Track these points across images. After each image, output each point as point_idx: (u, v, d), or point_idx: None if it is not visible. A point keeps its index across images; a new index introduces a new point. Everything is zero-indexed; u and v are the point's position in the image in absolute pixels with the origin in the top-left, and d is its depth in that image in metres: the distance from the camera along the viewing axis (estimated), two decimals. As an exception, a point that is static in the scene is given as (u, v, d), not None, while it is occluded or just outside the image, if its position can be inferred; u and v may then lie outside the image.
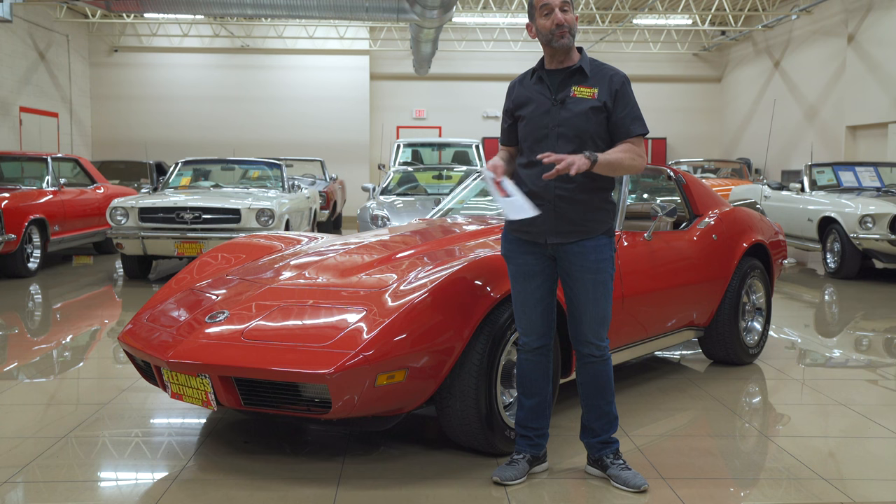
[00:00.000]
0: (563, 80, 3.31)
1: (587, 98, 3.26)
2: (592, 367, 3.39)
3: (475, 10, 19.16)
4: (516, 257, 3.39)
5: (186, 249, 8.92)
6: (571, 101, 3.27)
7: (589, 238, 3.29)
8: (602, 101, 3.26)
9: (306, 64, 21.02)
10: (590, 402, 3.44)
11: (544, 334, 3.41)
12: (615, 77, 3.31)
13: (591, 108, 3.26)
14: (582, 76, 3.30)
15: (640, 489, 3.32)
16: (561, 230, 3.28)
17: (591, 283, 3.30)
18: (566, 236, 3.28)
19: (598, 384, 3.40)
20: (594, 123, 3.26)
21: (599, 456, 3.45)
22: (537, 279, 3.36)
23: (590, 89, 3.27)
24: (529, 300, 3.38)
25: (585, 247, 3.29)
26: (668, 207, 4.81)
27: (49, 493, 3.34)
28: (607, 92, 3.27)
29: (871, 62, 15.25)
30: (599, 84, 3.28)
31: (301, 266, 4.14)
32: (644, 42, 21.19)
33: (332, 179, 16.12)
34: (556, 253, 3.33)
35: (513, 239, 3.40)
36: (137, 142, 19.45)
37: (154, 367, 3.70)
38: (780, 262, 5.88)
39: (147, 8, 14.36)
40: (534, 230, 3.31)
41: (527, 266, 3.36)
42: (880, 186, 10.66)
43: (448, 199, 5.87)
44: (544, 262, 3.36)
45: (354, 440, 3.92)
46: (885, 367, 5.71)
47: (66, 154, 14.09)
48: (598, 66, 3.36)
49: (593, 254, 3.29)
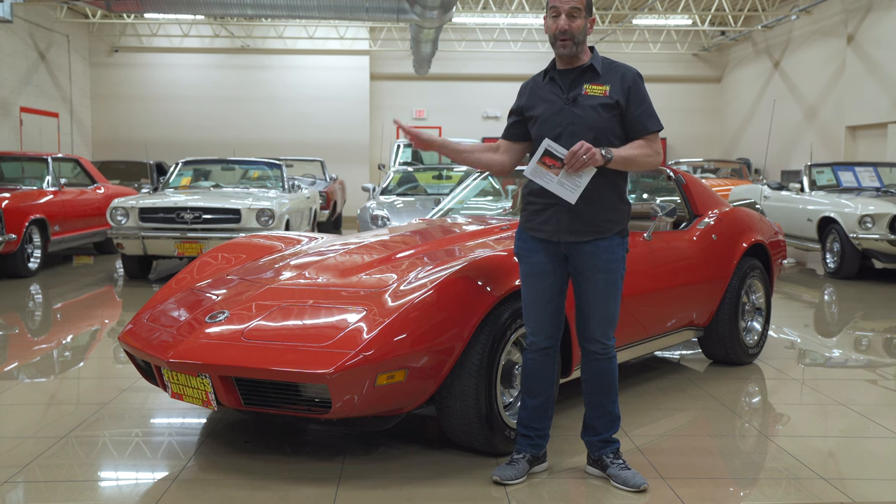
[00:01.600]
0: (575, 79, 3.32)
1: (599, 95, 3.28)
2: (598, 364, 3.39)
3: (475, 11, 19.17)
4: (529, 256, 3.39)
5: (186, 249, 8.92)
6: (583, 98, 3.29)
7: (603, 238, 3.31)
8: (615, 99, 3.27)
9: (306, 64, 21.02)
10: (593, 399, 3.45)
11: (553, 335, 3.42)
12: (627, 74, 3.33)
13: (602, 104, 3.27)
14: (593, 74, 3.32)
15: (639, 489, 3.32)
16: (575, 229, 3.29)
17: (602, 283, 3.32)
18: (580, 235, 3.30)
19: (602, 382, 3.41)
20: (606, 120, 3.28)
21: (599, 455, 3.45)
22: (549, 278, 3.37)
23: (601, 87, 3.29)
24: (540, 299, 3.38)
25: (599, 246, 3.30)
26: (667, 207, 4.81)
27: (49, 493, 3.35)
28: (620, 89, 3.29)
29: (870, 62, 15.25)
30: (611, 81, 3.30)
31: (301, 266, 4.15)
32: (644, 42, 21.20)
33: (332, 179, 16.12)
34: (568, 252, 3.34)
35: (527, 237, 3.41)
36: (138, 142, 19.45)
37: (154, 367, 3.71)
38: (780, 262, 5.88)
39: (147, 8, 14.37)
40: (548, 228, 3.32)
41: (540, 265, 3.37)
42: (880, 186, 10.66)
43: (448, 199, 5.88)
44: (557, 262, 3.37)
45: (354, 440, 3.93)
46: (884, 367, 5.71)
47: (67, 154, 14.10)
48: (610, 64, 3.37)
49: (606, 253, 3.31)
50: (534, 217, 3.37)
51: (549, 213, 3.31)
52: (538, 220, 3.34)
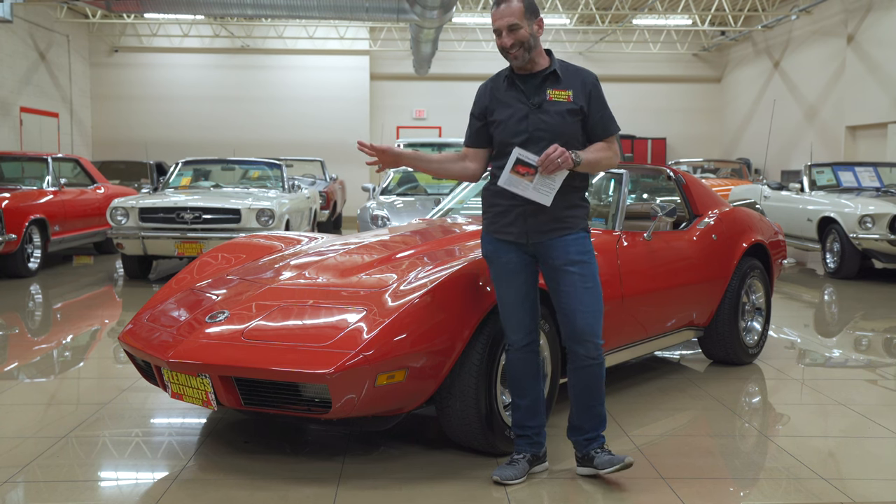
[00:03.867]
0: (538, 85, 3.36)
1: (563, 101, 3.33)
2: (587, 370, 3.37)
3: (475, 10, 19.16)
4: (499, 256, 3.42)
5: (186, 249, 8.92)
6: (548, 104, 3.33)
7: (569, 233, 3.35)
8: (579, 105, 3.34)
9: (306, 64, 21.02)
10: (581, 402, 3.44)
11: (532, 330, 3.44)
12: (587, 78, 3.40)
13: (568, 110, 3.33)
14: (555, 79, 3.36)
15: (624, 462, 3.35)
16: (541, 229, 3.33)
17: (577, 277, 3.33)
18: (546, 234, 3.33)
19: (591, 387, 3.40)
20: (571, 125, 3.34)
21: (586, 451, 3.45)
22: (522, 275, 3.40)
23: (564, 92, 3.34)
24: (517, 297, 3.40)
25: (567, 241, 3.34)
26: (667, 207, 4.81)
27: (49, 493, 3.35)
28: (582, 94, 3.35)
29: (870, 62, 15.25)
30: (573, 86, 3.36)
31: (301, 266, 4.15)
32: (644, 42, 21.19)
33: (333, 179, 16.12)
34: (537, 251, 3.38)
35: (493, 240, 3.44)
36: (137, 142, 19.44)
37: (154, 367, 3.71)
38: (780, 262, 5.88)
39: (147, 8, 14.37)
40: (514, 230, 3.36)
41: (510, 265, 3.40)
42: (880, 186, 10.66)
43: (448, 199, 5.87)
44: (526, 259, 3.40)
45: (354, 440, 3.93)
46: (884, 367, 5.72)
47: (67, 154, 14.09)
48: (567, 68, 3.42)
49: (575, 245, 3.34)
50: (498, 219, 3.40)
51: (514, 214, 3.35)
52: (503, 223, 3.38)
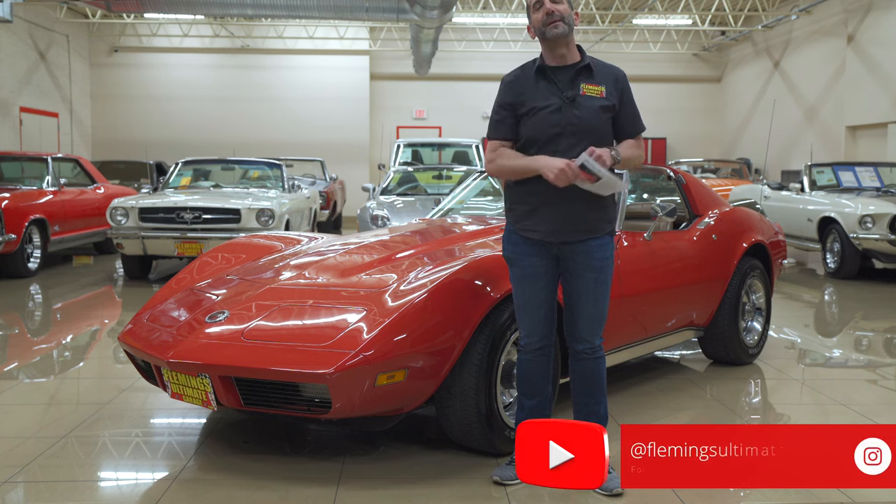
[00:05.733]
0: (572, 78, 3.31)
1: (596, 96, 3.29)
2: (585, 363, 3.39)
3: (475, 11, 19.16)
4: (521, 259, 3.37)
5: (186, 249, 8.92)
6: (582, 98, 3.29)
7: (595, 237, 3.32)
8: (612, 102, 3.31)
9: (306, 64, 21.02)
10: (580, 399, 3.45)
11: (547, 335, 3.41)
12: (619, 75, 3.37)
13: (602, 106, 3.29)
14: (588, 73, 3.32)
15: (613, 491, 3.26)
16: (570, 229, 3.29)
17: (592, 282, 3.32)
18: (575, 235, 3.30)
19: (589, 382, 3.40)
20: (604, 122, 3.31)
21: None
22: (542, 280, 3.36)
23: (597, 87, 3.30)
24: (534, 302, 3.37)
25: (591, 246, 3.31)
26: (668, 207, 4.81)
27: (49, 493, 3.35)
28: (614, 91, 3.32)
29: (870, 62, 15.25)
30: (605, 82, 3.32)
31: (301, 266, 4.14)
32: (644, 42, 21.19)
33: (333, 179, 16.12)
34: (560, 252, 3.34)
35: (518, 240, 3.38)
36: (137, 142, 19.44)
37: (154, 367, 3.71)
38: (780, 262, 5.88)
39: (147, 8, 14.37)
40: (543, 229, 3.31)
41: (532, 268, 3.35)
42: (880, 186, 10.66)
43: (448, 199, 5.87)
44: (549, 263, 3.36)
45: (354, 440, 3.93)
46: (884, 367, 5.71)
47: (67, 154, 14.08)
48: (599, 64, 3.39)
49: (598, 252, 3.32)
50: (526, 218, 3.34)
51: (543, 213, 3.29)
52: (531, 221, 3.32)
